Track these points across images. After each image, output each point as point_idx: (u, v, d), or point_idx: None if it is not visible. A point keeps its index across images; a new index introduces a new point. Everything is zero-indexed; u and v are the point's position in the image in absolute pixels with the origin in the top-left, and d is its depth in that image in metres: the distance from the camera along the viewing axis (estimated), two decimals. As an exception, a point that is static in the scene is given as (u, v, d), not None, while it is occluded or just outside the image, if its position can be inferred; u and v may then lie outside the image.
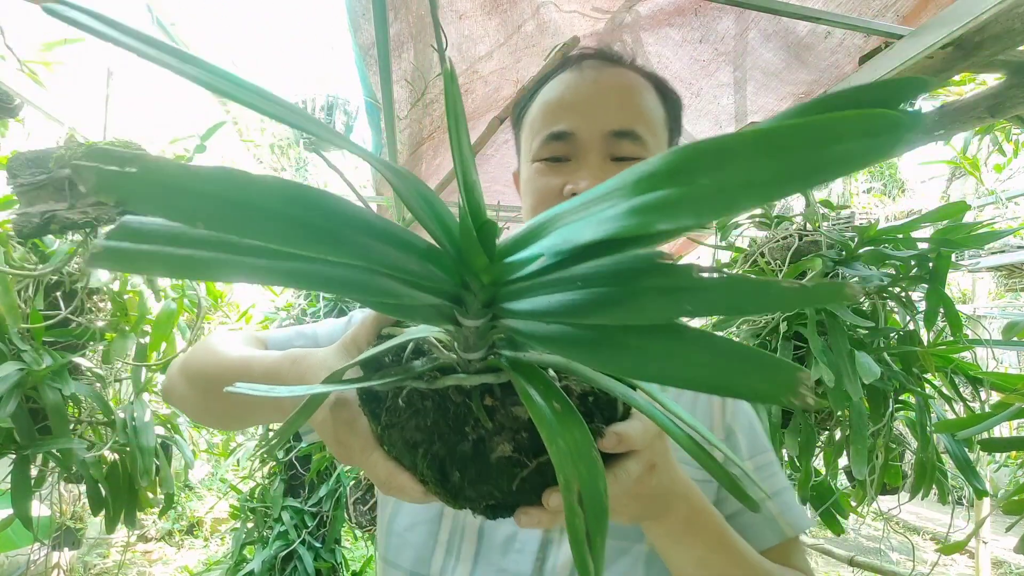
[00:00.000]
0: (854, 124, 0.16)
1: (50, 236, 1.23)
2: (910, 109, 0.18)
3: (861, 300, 1.15)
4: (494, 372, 0.31)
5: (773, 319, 1.20)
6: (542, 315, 0.27)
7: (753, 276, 0.21)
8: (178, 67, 0.23)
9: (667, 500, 0.43)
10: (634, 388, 0.33)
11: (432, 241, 0.27)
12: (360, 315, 0.63)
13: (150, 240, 0.21)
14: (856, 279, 1.16)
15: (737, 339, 1.35)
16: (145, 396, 1.41)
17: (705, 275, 0.22)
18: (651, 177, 0.20)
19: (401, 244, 0.26)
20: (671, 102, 0.66)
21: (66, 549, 2.32)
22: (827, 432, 1.24)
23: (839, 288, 0.21)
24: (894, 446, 1.17)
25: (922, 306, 1.14)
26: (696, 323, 2.30)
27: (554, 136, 0.60)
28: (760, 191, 0.17)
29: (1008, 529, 1.00)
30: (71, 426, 1.26)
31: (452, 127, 0.27)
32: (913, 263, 1.12)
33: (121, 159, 0.19)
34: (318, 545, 2.24)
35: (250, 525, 2.33)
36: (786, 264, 1.21)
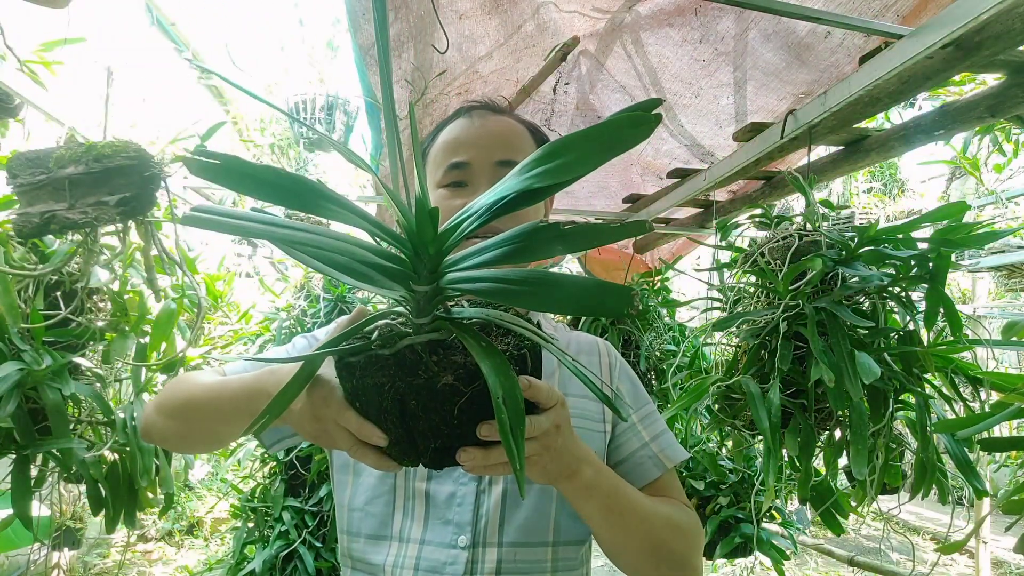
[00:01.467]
0: (627, 120, 0.37)
1: (50, 236, 1.23)
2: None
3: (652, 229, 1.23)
4: (439, 332, 0.44)
5: (773, 319, 1.20)
6: (474, 270, 0.43)
7: (592, 221, 0.33)
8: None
9: (572, 462, 0.58)
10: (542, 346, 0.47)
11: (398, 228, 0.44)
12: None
13: (214, 213, 0.38)
14: (856, 279, 1.16)
15: (737, 338, 1.35)
16: (145, 396, 1.41)
17: (567, 227, 0.40)
18: (531, 162, 0.41)
19: (373, 223, 0.43)
20: (540, 141, 0.85)
21: (66, 549, 2.32)
22: (827, 432, 1.24)
23: (642, 224, 0.40)
24: (894, 446, 1.17)
25: (922, 306, 1.14)
26: (694, 323, 2.30)
27: (454, 165, 0.78)
28: (586, 162, 0.38)
29: (1007, 529, 1.00)
30: (71, 426, 1.26)
31: (416, 149, 0.49)
32: (913, 263, 1.12)
33: (208, 155, 0.34)
34: (319, 545, 2.24)
35: (251, 525, 2.33)
36: (786, 264, 1.21)
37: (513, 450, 0.36)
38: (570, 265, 3.10)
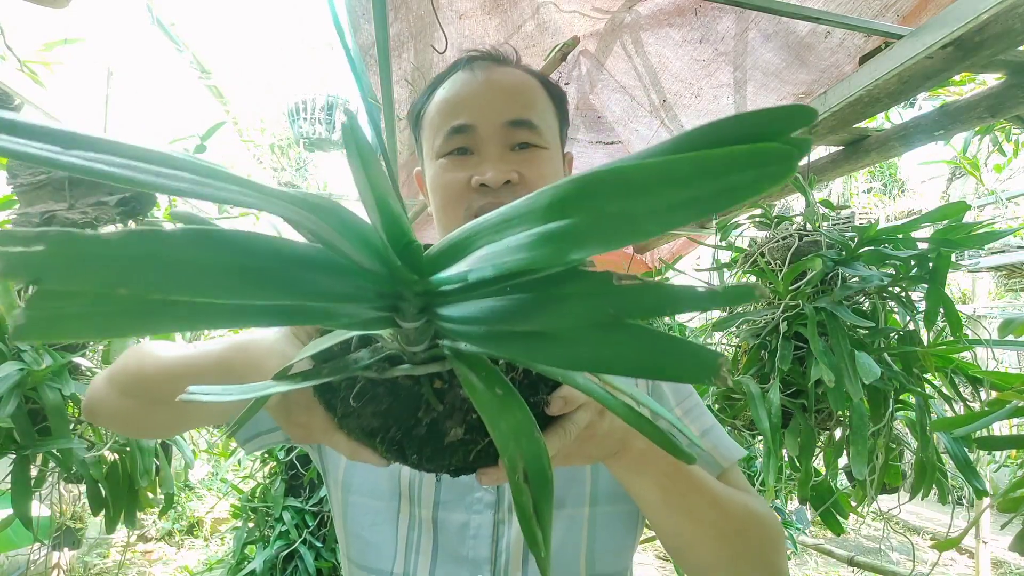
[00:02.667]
0: (747, 157, 0.17)
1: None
2: (802, 136, 0.19)
3: (768, 298, 1.16)
4: (439, 361, 0.32)
5: (773, 319, 1.20)
6: (473, 320, 0.27)
7: (668, 283, 0.23)
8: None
9: (621, 437, 0.46)
10: None
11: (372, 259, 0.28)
12: None
13: (75, 301, 0.19)
14: (856, 279, 1.16)
15: (737, 338, 1.35)
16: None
17: (624, 282, 0.23)
18: (562, 202, 0.21)
19: (334, 268, 0.25)
20: (557, 96, 0.70)
21: (66, 549, 2.32)
22: (827, 432, 1.24)
23: (748, 290, 0.22)
24: (894, 446, 1.17)
25: (922, 306, 1.14)
26: (694, 323, 2.30)
27: (455, 130, 0.63)
28: (664, 219, 0.19)
29: (1003, 527, 1.00)
30: (71, 426, 1.26)
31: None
32: (913, 263, 1.12)
33: (25, 239, 0.17)
34: (319, 545, 2.25)
35: (251, 525, 2.34)
36: (786, 264, 1.21)
37: (537, 536, 0.26)
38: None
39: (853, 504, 1.23)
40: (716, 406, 1.32)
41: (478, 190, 0.60)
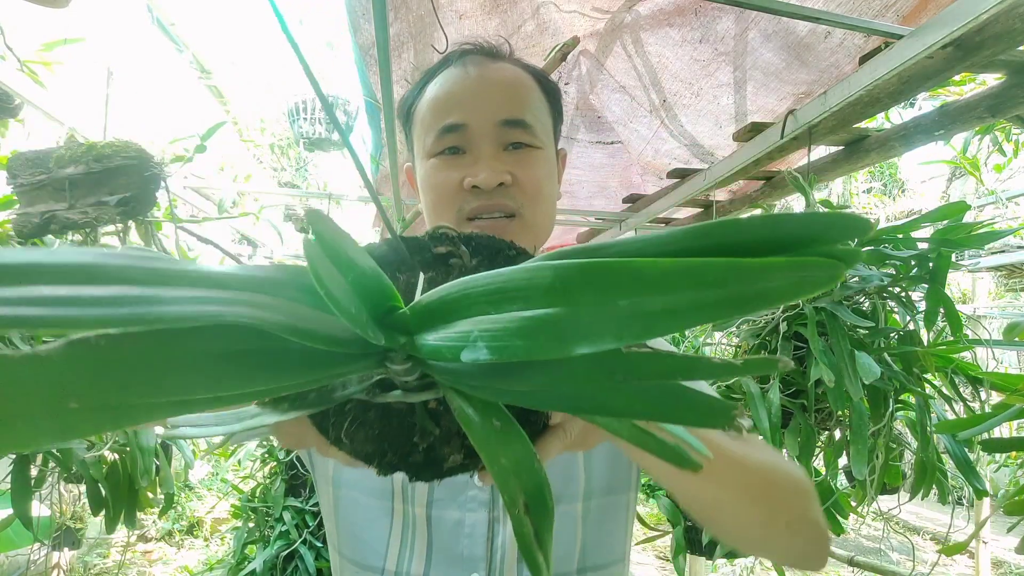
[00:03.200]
0: (786, 270, 0.16)
1: (50, 236, 1.23)
2: (849, 250, 0.17)
3: (791, 367, 1.14)
4: (432, 388, 0.29)
5: (773, 318, 1.20)
6: (467, 376, 0.26)
7: (679, 353, 0.22)
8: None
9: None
10: None
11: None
12: None
13: (22, 417, 0.17)
14: (856, 279, 1.16)
15: (737, 338, 1.35)
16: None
17: (633, 349, 0.22)
18: (566, 286, 0.19)
19: (309, 350, 0.22)
20: (551, 92, 0.68)
21: (66, 549, 2.32)
22: (827, 432, 1.24)
23: (771, 362, 0.20)
24: (894, 446, 1.17)
25: (922, 306, 1.14)
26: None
27: (447, 129, 0.61)
28: (681, 319, 0.17)
29: (1010, 530, 1.00)
30: (71, 426, 1.26)
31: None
32: (913, 263, 1.12)
33: None
34: (319, 545, 2.25)
35: (251, 525, 2.34)
36: (786, 264, 1.21)
37: (539, 561, 0.25)
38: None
39: (853, 504, 1.23)
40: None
41: (471, 192, 0.59)
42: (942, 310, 1.10)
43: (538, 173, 0.62)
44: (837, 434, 1.22)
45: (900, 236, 1.15)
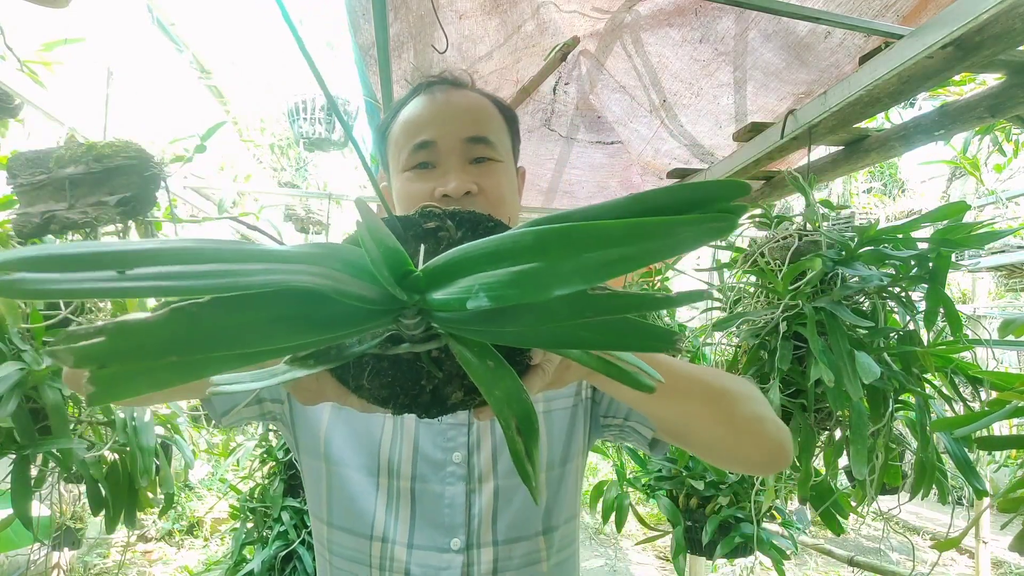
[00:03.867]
0: (698, 222, 0.24)
1: (50, 236, 1.23)
2: (738, 204, 0.24)
3: (714, 298, 1.23)
4: (435, 340, 0.35)
5: (773, 319, 1.20)
6: (466, 322, 0.32)
7: (632, 292, 0.28)
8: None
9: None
10: None
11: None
12: None
13: (132, 369, 0.24)
14: (856, 279, 1.16)
15: (737, 338, 1.35)
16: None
17: (597, 291, 0.28)
18: (543, 244, 0.25)
19: (346, 305, 0.29)
20: (510, 118, 0.77)
21: (66, 549, 2.32)
22: (827, 432, 1.24)
23: (700, 293, 0.29)
24: (894, 446, 1.17)
25: (922, 306, 1.14)
26: (694, 323, 2.30)
27: (419, 146, 0.69)
28: (632, 263, 0.24)
29: (1003, 527, 1.00)
30: (71, 426, 1.26)
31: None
32: (913, 263, 1.12)
33: (87, 334, 0.21)
34: (318, 545, 2.24)
35: (250, 525, 2.33)
36: (786, 264, 1.21)
37: (530, 474, 0.32)
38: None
39: (853, 504, 1.23)
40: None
41: (441, 200, 0.66)
42: (942, 310, 1.10)
43: (501, 183, 0.69)
44: (837, 434, 1.22)
45: (900, 236, 1.15)
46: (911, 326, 1.16)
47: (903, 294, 1.17)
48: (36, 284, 0.21)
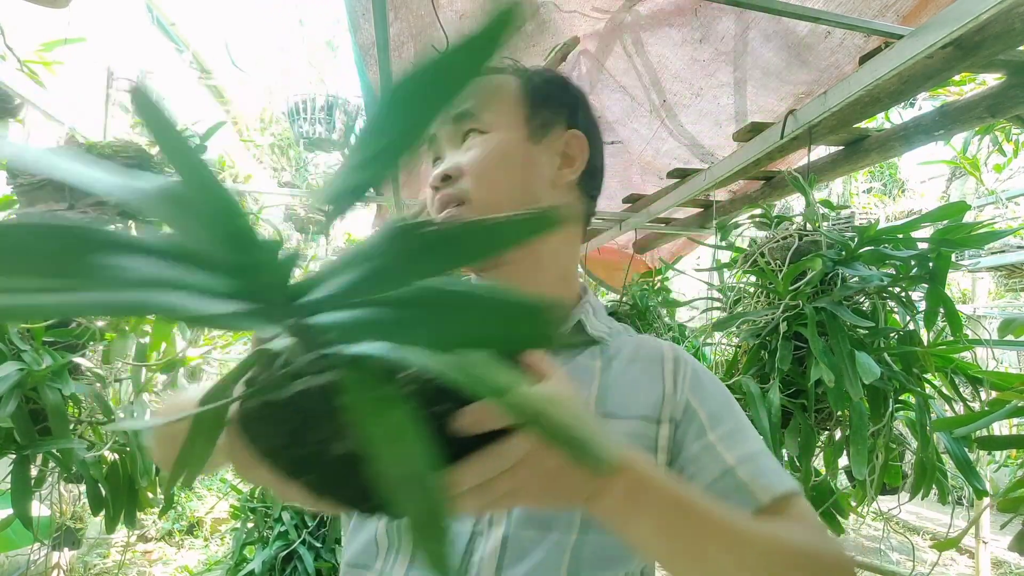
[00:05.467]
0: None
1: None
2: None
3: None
4: (333, 370, 0.29)
5: (773, 319, 1.20)
6: (330, 299, 0.28)
7: (482, 217, 0.27)
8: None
9: (591, 476, 0.37)
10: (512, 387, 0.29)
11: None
12: None
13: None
14: (856, 279, 1.16)
15: (737, 338, 1.35)
16: (145, 396, 1.41)
17: (437, 228, 0.27)
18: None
19: (201, 261, 0.25)
20: (526, 80, 0.71)
21: (66, 549, 2.31)
22: (827, 432, 1.24)
23: (550, 219, 0.27)
24: (894, 446, 1.17)
25: (922, 306, 1.14)
26: (694, 323, 2.30)
27: (429, 144, 0.69)
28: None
29: (1003, 527, 1.00)
30: (71, 426, 1.26)
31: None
32: (913, 263, 1.12)
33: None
34: (318, 545, 2.24)
35: (250, 525, 2.33)
36: (786, 264, 1.21)
37: (437, 556, 0.22)
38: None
39: (853, 504, 1.23)
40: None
41: (433, 191, 0.66)
42: (942, 310, 1.10)
43: (479, 155, 0.63)
44: (837, 434, 1.22)
45: (900, 236, 1.15)
46: (911, 326, 1.16)
47: (903, 294, 1.17)
48: None
